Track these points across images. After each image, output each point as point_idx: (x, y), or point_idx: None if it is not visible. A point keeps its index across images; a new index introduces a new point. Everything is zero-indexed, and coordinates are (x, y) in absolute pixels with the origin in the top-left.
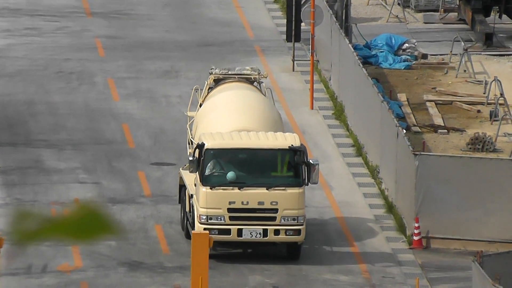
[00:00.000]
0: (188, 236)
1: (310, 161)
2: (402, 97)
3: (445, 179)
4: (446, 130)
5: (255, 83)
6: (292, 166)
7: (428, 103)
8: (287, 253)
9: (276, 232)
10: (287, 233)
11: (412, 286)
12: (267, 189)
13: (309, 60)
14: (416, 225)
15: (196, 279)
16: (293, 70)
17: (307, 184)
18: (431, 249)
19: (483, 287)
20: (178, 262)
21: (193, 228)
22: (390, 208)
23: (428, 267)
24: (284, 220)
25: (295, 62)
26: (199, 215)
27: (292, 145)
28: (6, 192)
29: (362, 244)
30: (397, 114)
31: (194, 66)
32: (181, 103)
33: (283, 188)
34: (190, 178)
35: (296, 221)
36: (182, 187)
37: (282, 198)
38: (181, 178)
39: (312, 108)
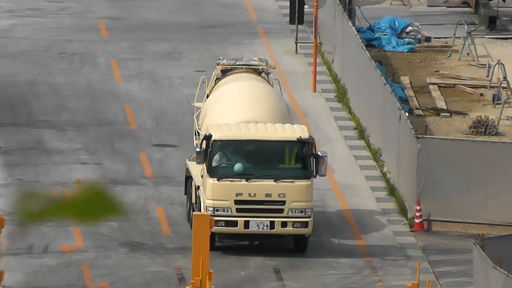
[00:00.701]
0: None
1: (319, 153)
2: (405, 80)
3: (447, 162)
4: (448, 113)
5: (263, 74)
6: (300, 158)
7: (431, 86)
8: (294, 246)
9: (283, 224)
10: (295, 226)
11: (413, 269)
12: (274, 181)
13: (312, 43)
14: (418, 207)
15: (197, 260)
16: (296, 53)
17: (315, 177)
18: (432, 232)
19: (484, 270)
20: (179, 243)
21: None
22: (391, 190)
23: (429, 249)
24: (292, 212)
25: (298, 44)
26: (206, 206)
27: (300, 137)
28: (7, 173)
29: (364, 226)
30: (399, 97)
31: (197, 48)
32: (183, 85)
33: (291, 180)
34: (197, 170)
35: (303, 214)
36: (189, 178)
37: (290, 190)
38: (187, 169)
39: (315, 91)
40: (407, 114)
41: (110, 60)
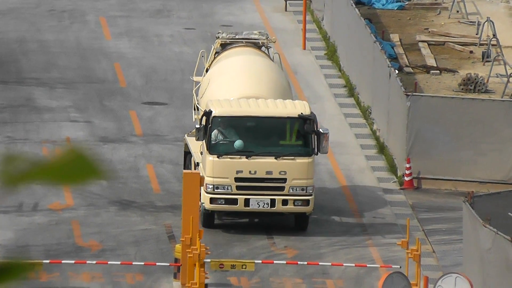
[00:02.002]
0: None
1: (320, 130)
2: (395, 37)
3: (437, 119)
4: (438, 71)
5: (263, 48)
6: (301, 135)
7: (420, 44)
8: (295, 224)
9: (284, 202)
10: (296, 204)
11: (403, 227)
12: (275, 158)
13: (301, 0)
14: (407, 165)
15: (187, 218)
16: (286, 10)
17: (317, 154)
18: (422, 190)
19: (474, 227)
20: (169, 201)
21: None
22: (381, 148)
23: (419, 207)
24: (293, 190)
25: (287, 2)
26: (206, 184)
27: (301, 113)
28: None
29: (353, 184)
30: (389, 55)
31: (186, 5)
32: (173, 43)
33: (292, 157)
34: (196, 146)
35: (304, 191)
36: (188, 153)
37: (291, 167)
38: (186, 145)
39: (305, 48)
40: (396, 71)
41: (99, 18)
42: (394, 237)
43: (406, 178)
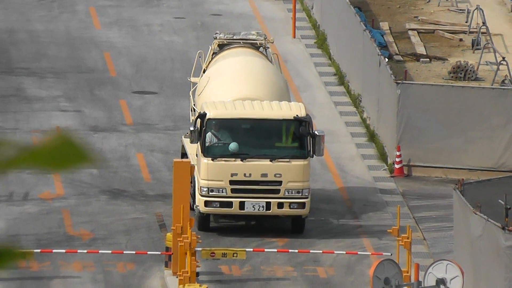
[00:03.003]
0: (191, 207)
1: (316, 132)
2: (384, 25)
3: (427, 107)
4: (428, 59)
5: (261, 49)
6: (297, 137)
7: (410, 32)
8: (292, 227)
9: (280, 205)
10: (291, 206)
11: (393, 214)
12: (270, 160)
13: None
14: (398, 153)
15: (177, 207)
16: None
17: (312, 156)
18: (412, 177)
19: (464, 215)
20: (159, 190)
21: (194, 200)
22: (371, 136)
23: (409, 195)
24: (288, 193)
25: None
26: (200, 187)
27: (297, 115)
28: None
29: (344, 172)
30: (379, 43)
31: None
32: (163, 32)
33: (287, 160)
34: (192, 148)
35: (300, 194)
36: (184, 155)
37: (286, 170)
38: (183, 146)
39: (295, 37)
40: (386, 59)
41: (89, 7)
42: (385, 224)
43: (397, 166)
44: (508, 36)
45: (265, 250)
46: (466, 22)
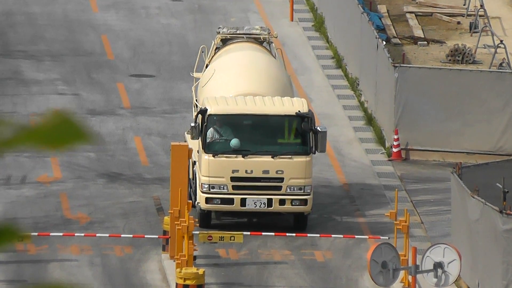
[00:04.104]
0: (193, 204)
1: (318, 128)
2: (382, 8)
3: (425, 91)
4: (426, 42)
5: (265, 44)
6: (299, 133)
7: (408, 15)
8: (294, 224)
9: (282, 202)
10: (293, 203)
11: (391, 198)
12: (272, 157)
13: None
14: (395, 137)
15: (175, 190)
16: None
17: (315, 153)
18: (410, 161)
19: (462, 198)
20: (157, 173)
21: (195, 196)
22: (369, 120)
23: (407, 178)
24: (290, 190)
25: None
26: (201, 183)
27: (299, 111)
28: None
29: (341, 156)
30: (377, 26)
31: None
32: (160, 15)
33: (289, 156)
34: (194, 144)
35: (302, 191)
36: None
37: (288, 166)
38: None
39: (292, 20)
40: (384, 43)
41: None
42: (383, 208)
43: (394, 150)
44: (506, 19)
45: (263, 234)
46: (464, 5)
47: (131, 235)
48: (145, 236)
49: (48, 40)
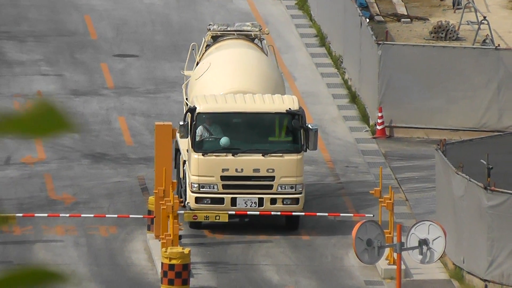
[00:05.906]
0: (183, 204)
1: (309, 125)
2: None
3: (408, 68)
4: (409, 19)
5: (256, 41)
6: (289, 131)
7: None
8: (286, 223)
9: (273, 201)
10: (284, 202)
11: (376, 175)
12: (263, 155)
13: None
14: (379, 114)
15: (159, 170)
16: None
17: (306, 150)
18: (394, 138)
19: (446, 175)
20: (141, 153)
21: (185, 196)
22: (353, 98)
23: (392, 156)
24: (281, 189)
25: None
26: (191, 183)
27: (289, 108)
28: None
29: (326, 134)
30: (360, 4)
31: None
32: None
33: (280, 154)
34: (185, 143)
35: (294, 190)
36: (178, 151)
37: (279, 165)
38: (176, 142)
39: None
40: (367, 20)
41: None
42: (367, 186)
43: (378, 127)
44: None
45: (248, 213)
46: None
47: (116, 215)
48: (130, 216)
49: (31, 20)
